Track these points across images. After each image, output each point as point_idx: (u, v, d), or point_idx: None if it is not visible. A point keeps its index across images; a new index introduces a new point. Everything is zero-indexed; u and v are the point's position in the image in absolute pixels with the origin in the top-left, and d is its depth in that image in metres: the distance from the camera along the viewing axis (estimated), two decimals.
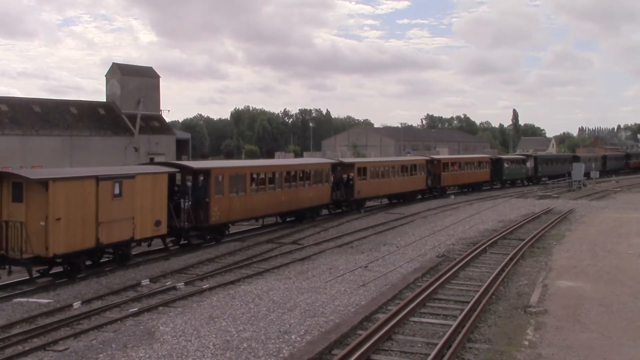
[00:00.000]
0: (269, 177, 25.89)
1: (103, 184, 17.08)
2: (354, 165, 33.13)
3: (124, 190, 17.74)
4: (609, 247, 21.26)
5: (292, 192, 27.22)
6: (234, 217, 23.46)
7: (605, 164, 73.91)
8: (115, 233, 17.53)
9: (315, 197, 29.35)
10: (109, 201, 17.26)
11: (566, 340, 10.98)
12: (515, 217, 30.45)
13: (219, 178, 22.31)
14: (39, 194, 15.62)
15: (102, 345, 11.05)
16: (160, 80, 76.57)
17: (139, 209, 18.38)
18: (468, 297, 14.27)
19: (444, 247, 21.41)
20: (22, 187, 15.75)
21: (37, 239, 15.47)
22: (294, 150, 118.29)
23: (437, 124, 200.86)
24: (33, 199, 15.68)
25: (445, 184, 43.81)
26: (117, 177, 17.78)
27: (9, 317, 13.14)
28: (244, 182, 23.93)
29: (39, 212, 15.55)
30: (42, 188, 15.59)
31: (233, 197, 23.08)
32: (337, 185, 31.79)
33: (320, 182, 29.84)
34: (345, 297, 14.09)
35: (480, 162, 50.18)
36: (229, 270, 18.01)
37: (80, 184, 16.54)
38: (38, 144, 61.95)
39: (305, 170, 28.70)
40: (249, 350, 10.45)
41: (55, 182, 15.70)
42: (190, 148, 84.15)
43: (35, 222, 15.49)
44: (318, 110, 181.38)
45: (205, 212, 21.59)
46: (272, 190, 25.82)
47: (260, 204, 24.94)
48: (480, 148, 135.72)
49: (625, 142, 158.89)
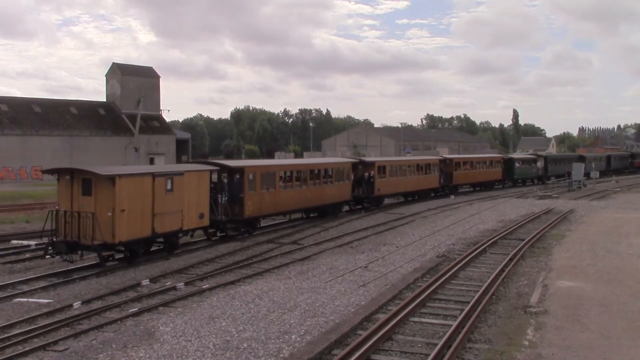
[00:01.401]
0: (295, 175, 27.78)
1: (158, 180, 18.91)
2: (375, 164, 34.65)
3: (174, 186, 19.57)
4: (609, 247, 21.26)
5: (316, 189, 29.00)
6: (265, 211, 25.34)
7: (610, 163, 74.93)
8: (167, 224, 19.37)
9: (337, 194, 31.01)
10: (163, 195, 19.10)
11: (566, 340, 10.98)
12: (515, 217, 30.45)
13: (252, 176, 24.08)
14: (106, 188, 17.42)
15: (102, 345, 11.05)
16: (160, 80, 76.60)
17: (187, 203, 20.18)
18: (468, 297, 14.27)
19: (444, 247, 21.41)
20: (91, 182, 17.61)
21: (105, 227, 17.24)
22: (294, 150, 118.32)
23: (437, 124, 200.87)
24: (101, 193, 17.48)
25: (457, 183, 45.25)
26: (169, 174, 19.66)
27: (9, 317, 13.12)
28: (273, 179, 25.71)
29: (106, 204, 17.36)
30: (110, 183, 17.38)
31: (264, 193, 24.85)
32: (358, 183, 33.26)
33: (342, 179, 31.46)
34: (345, 297, 14.10)
35: (492, 161, 51.76)
36: (229, 270, 18.00)
37: (140, 180, 18.36)
38: (38, 144, 61.94)
39: (328, 168, 30.43)
40: (249, 351, 10.45)
41: (120, 178, 17.52)
42: (190, 148, 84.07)
43: (103, 213, 17.31)
44: (318, 110, 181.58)
45: (240, 206, 23.36)
46: (298, 188, 27.66)
47: (287, 200, 26.75)
48: (480, 148, 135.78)
49: (625, 142, 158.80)
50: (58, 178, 18.32)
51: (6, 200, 39.10)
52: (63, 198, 18.06)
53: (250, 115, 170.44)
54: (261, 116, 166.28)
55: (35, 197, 40.99)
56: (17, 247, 21.74)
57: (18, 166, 60.71)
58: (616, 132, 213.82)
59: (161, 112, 76.71)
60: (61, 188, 18.19)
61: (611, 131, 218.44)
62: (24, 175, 60.68)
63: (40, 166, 61.30)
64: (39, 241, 21.39)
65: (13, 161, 60.23)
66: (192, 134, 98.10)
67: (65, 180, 18.07)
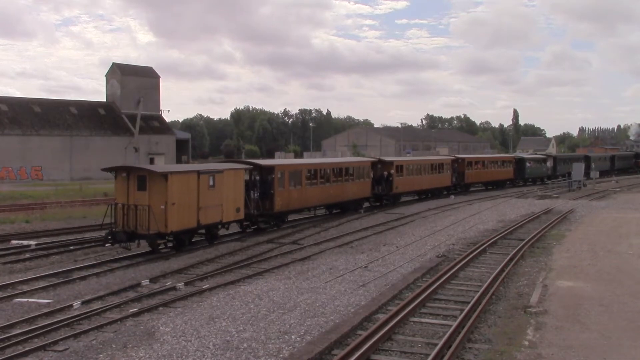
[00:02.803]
0: (320, 174, 29.67)
1: (202, 177, 20.84)
2: (393, 163, 36.56)
3: (215, 182, 21.50)
4: (609, 247, 21.26)
5: (339, 186, 31.02)
6: (293, 206, 27.38)
7: (614, 163, 76.32)
8: (209, 216, 21.28)
9: (358, 191, 33.11)
10: (206, 191, 21.01)
11: (566, 340, 10.98)
12: (515, 217, 30.46)
13: (281, 174, 26.14)
14: (159, 184, 19.36)
15: (102, 345, 11.05)
16: (160, 80, 76.57)
17: (225, 198, 22.09)
18: (468, 297, 14.27)
19: (444, 247, 21.41)
20: (146, 179, 19.55)
21: (158, 219, 19.14)
22: (294, 151, 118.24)
23: (437, 124, 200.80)
24: (155, 188, 19.42)
25: (469, 181, 47.30)
26: (211, 171, 21.59)
27: (9, 317, 13.11)
28: (300, 177, 27.76)
29: (159, 198, 19.31)
30: (163, 179, 19.33)
31: (292, 190, 26.95)
32: (378, 181, 35.20)
33: (362, 178, 33.49)
34: (345, 297, 14.09)
35: (504, 161, 53.89)
36: (229, 271, 17.99)
37: (187, 177, 20.30)
38: (38, 144, 61.94)
39: (349, 167, 32.71)
40: (249, 351, 10.45)
41: (172, 175, 19.59)
42: (190, 148, 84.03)
43: (157, 206, 19.23)
44: (318, 110, 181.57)
45: (271, 201, 25.39)
46: (322, 185, 29.67)
47: (313, 196, 28.85)
48: (480, 148, 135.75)
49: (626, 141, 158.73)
50: (115, 175, 20.28)
51: (6, 200, 39.09)
52: (120, 193, 20.02)
53: (250, 115, 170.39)
54: (261, 116, 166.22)
55: (35, 197, 40.99)
56: (17, 247, 21.74)
57: (18, 166, 60.71)
58: (616, 132, 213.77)
59: (161, 112, 76.73)
60: (118, 184, 20.14)
61: (611, 131, 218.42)
62: (24, 175, 60.68)
63: (40, 166, 61.57)
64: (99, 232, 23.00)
65: (13, 161, 60.23)
66: (192, 134, 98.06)
67: (122, 177, 19.96)
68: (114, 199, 20.90)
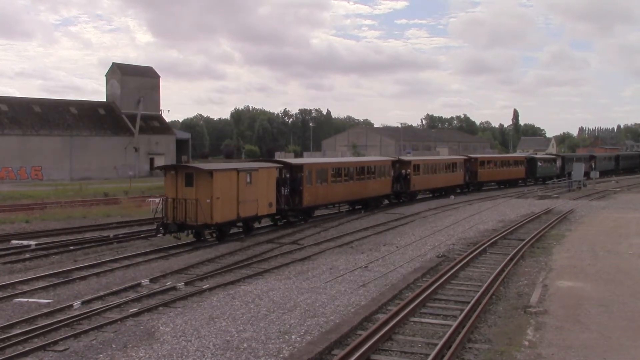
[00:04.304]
0: (344, 172, 31.54)
1: (241, 175, 23.05)
2: (411, 162, 38.67)
3: (252, 179, 23.70)
4: (609, 247, 21.26)
5: (361, 183, 33.02)
6: (319, 202, 29.43)
7: (619, 162, 78.61)
8: (247, 210, 23.49)
9: (379, 189, 35.23)
10: (244, 187, 23.18)
11: (566, 340, 10.97)
12: (515, 217, 30.46)
13: (309, 172, 28.05)
14: (205, 180, 21.57)
15: (102, 345, 11.05)
16: (160, 80, 76.54)
17: (260, 194, 24.26)
18: (468, 297, 14.27)
19: (444, 247, 21.41)
20: (193, 176, 21.81)
21: (205, 211, 21.38)
22: (294, 150, 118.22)
23: (437, 124, 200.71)
24: (201, 184, 21.61)
25: (482, 180, 49.58)
26: (249, 169, 23.73)
27: (9, 317, 13.11)
28: (326, 175, 29.78)
29: (205, 193, 21.48)
30: (209, 176, 21.51)
31: (318, 187, 28.89)
32: (396, 179, 37.37)
33: (383, 176, 35.61)
34: (345, 297, 14.09)
35: (516, 161, 56.33)
36: (229, 271, 17.98)
37: (229, 174, 22.52)
38: (38, 144, 61.92)
39: (371, 166, 34.82)
40: (249, 351, 10.44)
41: (216, 172, 21.69)
42: (190, 148, 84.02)
43: (203, 200, 21.39)
44: (318, 110, 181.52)
45: (300, 197, 27.45)
46: (346, 182, 31.62)
47: (337, 193, 30.83)
48: (480, 148, 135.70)
49: (625, 142, 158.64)
50: (165, 173, 22.72)
51: (6, 200, 39.10)
52: (169, 189, 22.24)
53: (250, 116, 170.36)
54: (261, 116, 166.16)
55: (35, 197, 40.99)
56: (17, 247, 21.74)
57: (18, 166, 60.69)
58: (616, 132, 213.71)
59: (161, 112, 76.69)
60: (167, 181, 22.43)
61: (611, 131, 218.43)
62: (24, 175, 60.67)
63: (40, 166, 61.58)
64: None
65: (13, 161, 60.21)
66: (192, 134, 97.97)
67: (171, 175, 22.24)
68: (164, 194, 23.15)
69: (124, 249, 21.84)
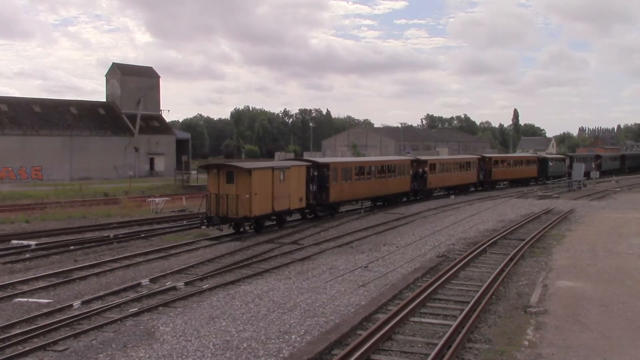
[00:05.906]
0: (367, 170, 33.45)
1: (276, 172, 25.23)
2: (427, 161, 40.55)
3: (285, 177, 25.85)
4: (609, 247, 21.25)
5: (383, 181, 35.12)
6: (344, 198, 31.54)
7: (625, 162, 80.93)
8: (281, 204, 25.65)
9: (399, 186, 37.29)
10: (278, 183, 25.29)
11: (566, 340, 10.97)
12: (515, 217, 30.45)
13: (335, 170, 30.11)
14: (245, 178, 23.66)
15: (102, 345, 11.04)
16: (159, 80, 76.50)
17: (292, 189, 26.45)
18: (468, 297, 14.27)
19: (444, 247, 21.41)
20: (233, 174, 23.86)
21: (245, 205, 23.47)
22: (294, 150, 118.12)
23: (437, 124, 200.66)
24: (241, 181, 23.71)
25: (495, 179, 51.65)
26: (282, 167, 26.01)
27: (9, 317, 13.11)
28: (350, 173, 31.73)
29: (245, 189, 23.53)
30: (247, 174, 23.57)
31: (343, 184, 30.91)
32: (414, 177, 39.12)
33: (403, 174, 37.58)
34: (345, 297, 14.09)
35: (528, 160, 58.84)
36: (229, 270, 17.98)
37: (265, 172, 24.62)
38: (38, 144, 61.88)
39: (391, 164, 37.00)
40: (249, 350, 10.44)
41: (254, 171, 23.78)
42: (190, 148, 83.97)
43: (243, 195, 23.45)
44: (318, 110, 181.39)
45: (327, 193, 29.61)
46: (369, 180, 33.54)
47: (361, 190, 32.90)
48: (480, 148, 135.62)
49: (625, 142, 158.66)
50: (208, 171, 24.86)
51: (6, 200, 39.10)
52: (212, 185, 24.31)
53: (250, 116, 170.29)
54: (261, 116, 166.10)
55: (35, 197, 40.99)
56: (17, 247, 21.74)
57: (18, 166, 60.67)
58: (615, 132, 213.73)
59: (161, 112, 76.66)
60: (210, 178, 24.52)
61: (611, 131, 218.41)
62: (24, 175, 60.64)
63: (40, 166, 61.57)
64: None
65: (13, 161, 60.18)
66: (192, 134, 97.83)
67: (213, 173, 24.31)
68: (206, 191, 25.04)
69: (124, 249, 21.86)
